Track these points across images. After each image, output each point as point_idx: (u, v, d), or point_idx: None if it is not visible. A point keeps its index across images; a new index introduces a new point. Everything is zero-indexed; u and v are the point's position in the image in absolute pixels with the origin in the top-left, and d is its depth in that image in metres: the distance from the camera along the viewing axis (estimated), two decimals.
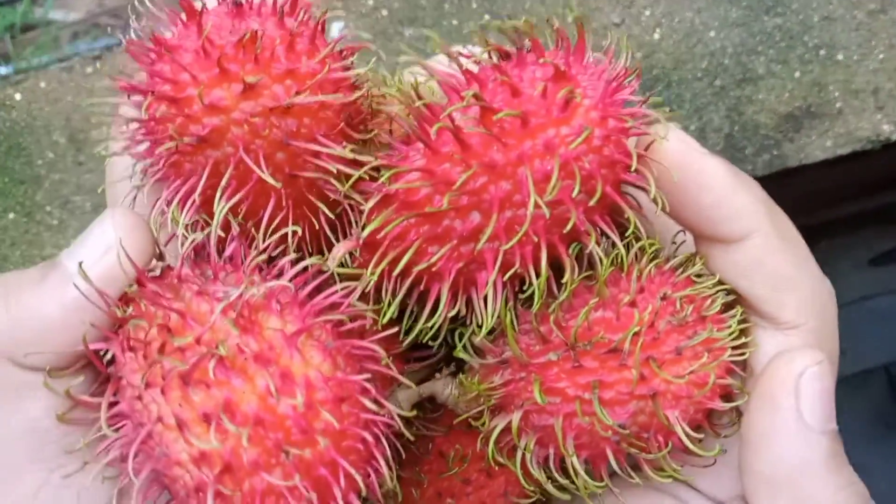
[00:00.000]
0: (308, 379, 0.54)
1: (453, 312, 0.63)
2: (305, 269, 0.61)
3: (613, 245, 0.64)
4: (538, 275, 0.60)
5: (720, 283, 0.65)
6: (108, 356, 0.59)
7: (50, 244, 1.34)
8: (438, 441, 0.76)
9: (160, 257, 0.63)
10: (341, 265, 0.62)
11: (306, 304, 0.58)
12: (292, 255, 0.59)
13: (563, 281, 0.62)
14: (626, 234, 0.63)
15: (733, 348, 0.64)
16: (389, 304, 0.63)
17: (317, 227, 0.64)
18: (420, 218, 0.60)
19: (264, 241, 0.60)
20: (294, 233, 0.61)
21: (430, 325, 0.64)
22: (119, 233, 0.58)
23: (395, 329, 0.65)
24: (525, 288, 0.63)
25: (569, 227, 0.58)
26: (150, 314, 0.57)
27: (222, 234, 0.59)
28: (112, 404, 0.56)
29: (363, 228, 0.60)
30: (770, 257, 0.64)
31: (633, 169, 0.59)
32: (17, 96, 1.15)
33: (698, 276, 0.66)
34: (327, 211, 0.62)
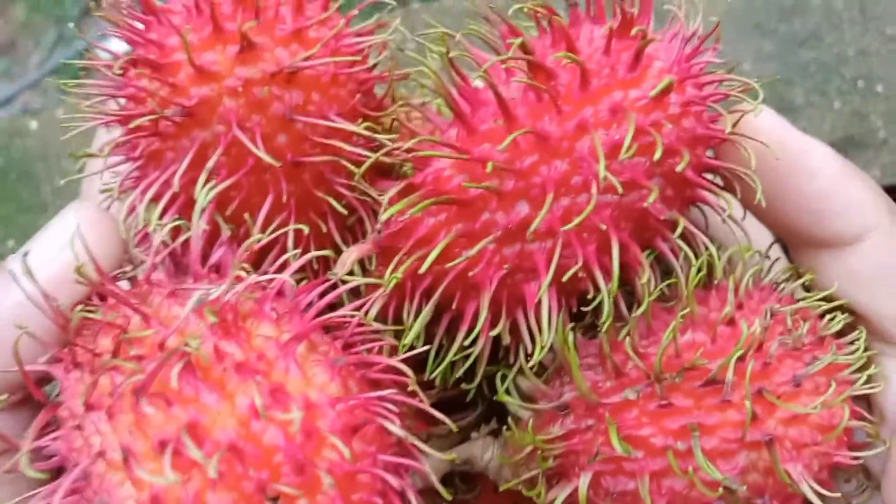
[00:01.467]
0: (308, 399, 0.40)
1: (495, 332, 0.49)
2: (305, 278, 0.48)
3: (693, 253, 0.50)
4: (607, 280, 0.47)
5: (831, 298, 0.51)
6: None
7: None
8: None
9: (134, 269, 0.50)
10: (352, 274, 0.49)
11: (309, 313, 0.45)
12: (293, 251, 0.47)
13: (642, 291, 0.48)
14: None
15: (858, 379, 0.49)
16: (412, 327, 0.49)
17: (324, 230, 0.51)
18: (453, 209, 0.48)
19: (259, 242, 0.47)
20: (297, 233, 0.49)
21: (463, 355, 0.50)
22: (81, 227, 0.46)
23: (420, 364, 0.50)
24: (584, 311, 0.50)
25: (651, 199, 0.45)
26: (104, 321, 0.43)
27: (206, 227, 0.47)
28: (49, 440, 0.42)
29: (383, 213, 0.47)
30: None
31: (724, 138, 0.47)
32: (34, 125, 1.12)
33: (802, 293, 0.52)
34: (338, 206, 0.50)
